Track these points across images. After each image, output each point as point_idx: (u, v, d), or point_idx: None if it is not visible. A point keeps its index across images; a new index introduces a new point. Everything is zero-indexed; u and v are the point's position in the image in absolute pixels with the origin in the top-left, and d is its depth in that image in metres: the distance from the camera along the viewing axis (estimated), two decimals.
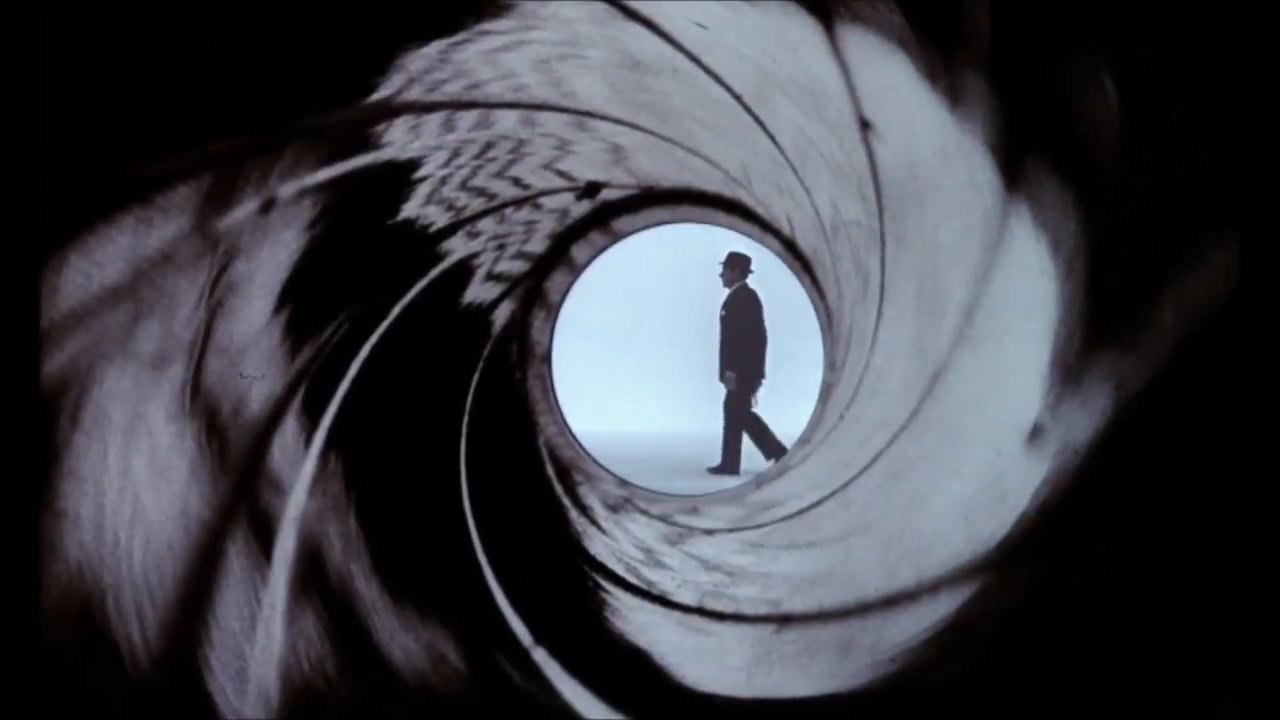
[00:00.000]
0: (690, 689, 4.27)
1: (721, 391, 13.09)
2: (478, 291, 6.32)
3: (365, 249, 4.48)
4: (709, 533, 6.64)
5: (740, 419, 12.85)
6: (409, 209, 4.69)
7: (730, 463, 12.86)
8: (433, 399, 5.81)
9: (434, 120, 4.25)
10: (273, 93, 3.24)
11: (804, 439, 7.79)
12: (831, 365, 7.45)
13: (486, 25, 3.82)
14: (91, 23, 2.53)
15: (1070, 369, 2.97)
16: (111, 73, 2.66)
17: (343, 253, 4.11)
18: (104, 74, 2.63)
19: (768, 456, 12.34)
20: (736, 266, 12.75)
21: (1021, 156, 3.08)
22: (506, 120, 4.84)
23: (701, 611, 4.98)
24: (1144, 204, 2.68)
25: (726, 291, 12.97)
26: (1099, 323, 2.86)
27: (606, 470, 8.20)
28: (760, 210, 6.80)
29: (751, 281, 12.84)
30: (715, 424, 14.77)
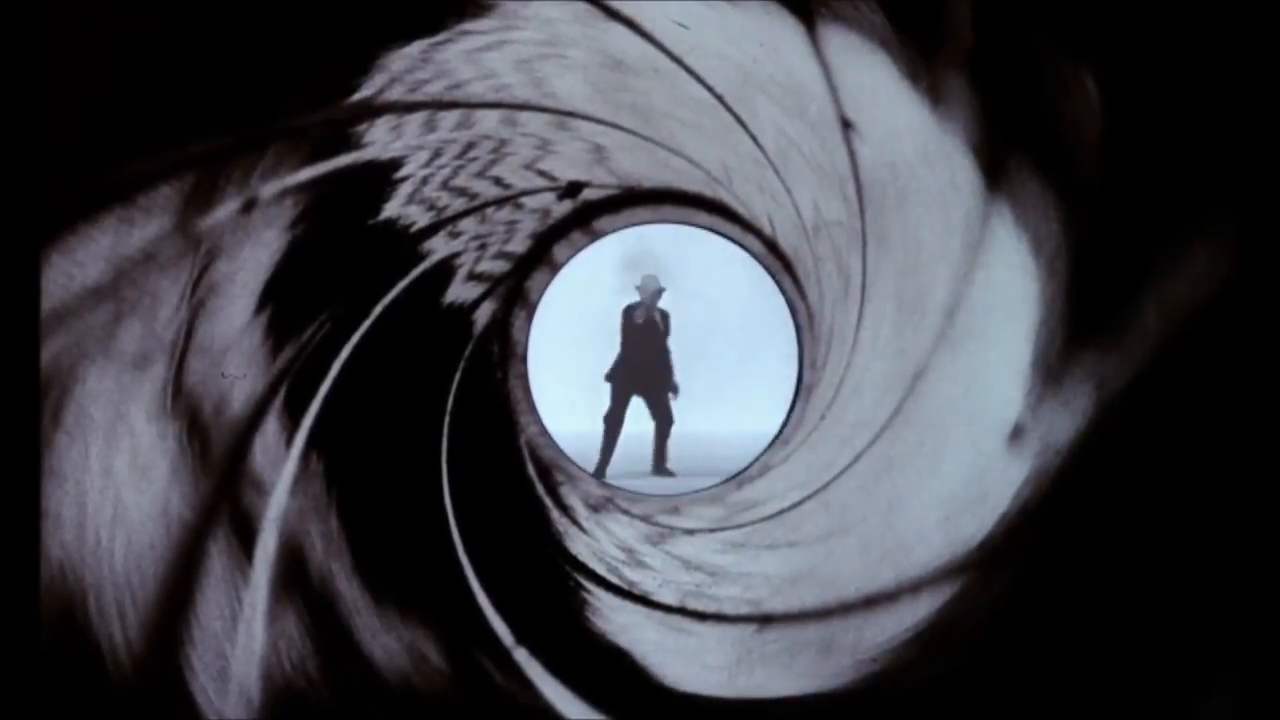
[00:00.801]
0: (671, 689, 4.27)
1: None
2: (459, 291, 6.31)
3: (347, 249, 4.48)
4: (690, 533, 6.64)
5: (668, 422, 12.87)
6: (390, 209, 4.69)
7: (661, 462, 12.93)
8: (414, 399, 5.81)
9: (415, 120, 4.25)
10: (254, 92, 3.24)
11: (784, 439, 7.80)
12: (812, 365, 7.46)
13: (468, 25, 3.82)
14: (76, 21, 2.53)
15: (1052, 369, 2.98)
16: (94, 71, 2.65)
17: (324, 253, 4.11)
18: (87, 72, 2.62)
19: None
20: (654, 288, 12.76)
21: (1003, 156, 3.09)
22: (488, 120, 4.84)
23: (683, 611, 4.98)
24: (1126, 204, 2.69)
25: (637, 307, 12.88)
26: (1080, 323, 2.87)
27: (586, 471, 8.18)
28: (741, 210, 6.81)
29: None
30: (698, 425, 14.81)
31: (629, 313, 12.72)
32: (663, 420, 12.76)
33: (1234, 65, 2.35)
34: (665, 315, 12.80)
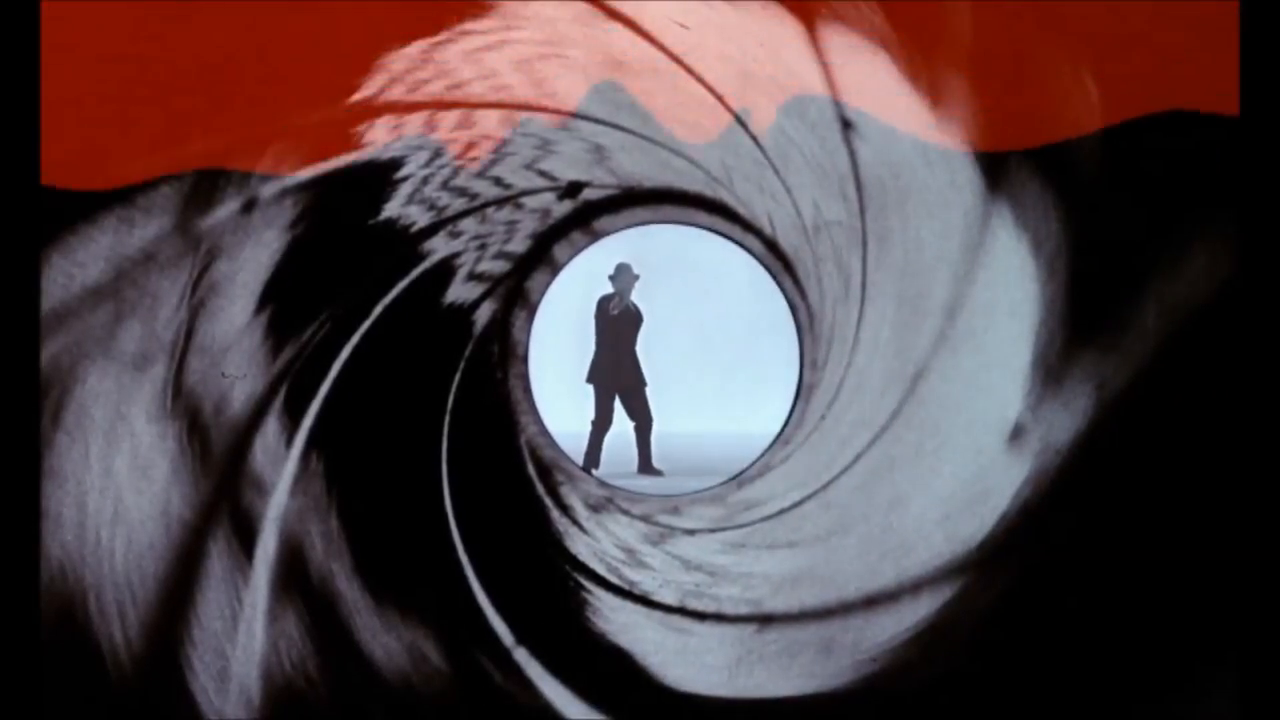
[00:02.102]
0: (672, 689, 4.27)
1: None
2: (459, 291, 6.29)
3: (347, 249, 4.47)
4: (690, 533, 6.62)
5: (646, 418, 12.64)
6: (390, 209, 4.68)
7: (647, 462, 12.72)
8: (414, 399, 5.80)
9: (415, 120, 4.24)
10: (255, 92, 3.23)
11: (784, 439, 7.78)
12: (812, 365, 7.45)
13: (468, 25, 3.81)
14: (81, 22, 2.53)
15: (1052, 369, 2.98)
16: (99, 73, 2.65)
17: (324, 253, 4.10)
18: (92, 74, 2.62)
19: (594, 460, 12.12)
20: (629, 277, 12.47)
21: (1003, 156, 3.09)
22: (488, 120, 4.83)
23: (683, 611, 4.97)
24: (1125, 205, 2.69)
25: (612, 303, 12.56)
26: (1080, 323, 2.87)
27: (586, 471, 8.16)
28: (742, 210, 6.79)
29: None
30: (698, 425, 14.80)
31: (603, 304, 12.45)
32: (641, 418, 12.55)
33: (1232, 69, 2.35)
34: (638, 309, 12.49)
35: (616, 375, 12.45)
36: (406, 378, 5.59)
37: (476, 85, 4.33)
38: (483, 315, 6.93)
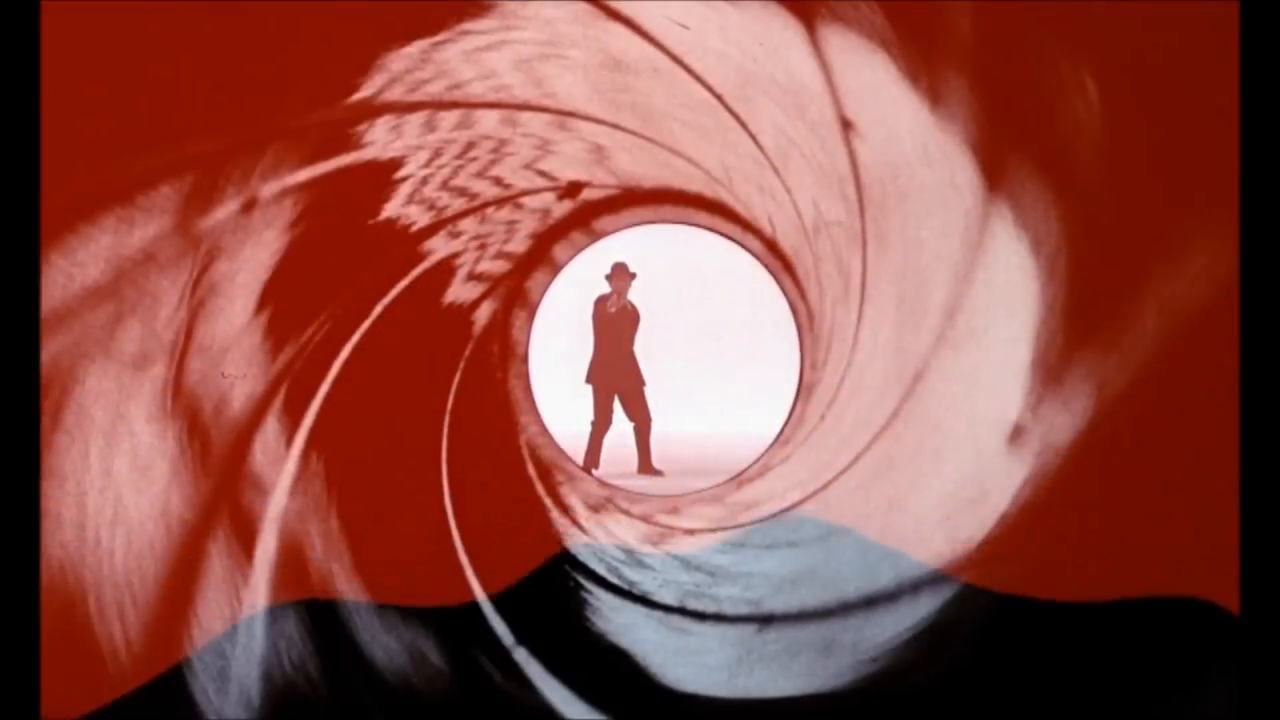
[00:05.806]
0: (671, 689, 4.27)
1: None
2: (459, 291, 6.31)
3: (347, 249, 4.48)
4: (690, 532, 6.64)
5: (646, 418, 12.57)
6: (390, 209, 4.68)
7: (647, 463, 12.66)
8: (414, 399, 5.81)
9: (415, 120, 4.24)
10: (254, 92, 3.23)
11: (784, 439, 7.80)
12: (812, 365, 7.46)
13: (468, 25, 3.81)
14: (81, 21, 2.53)
15: (1052, 369, 2.98)
16: (98, 73, 2.65)
17: (324, 253, 4.11)
18: (91, 74, 2.62)
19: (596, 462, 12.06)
20: (626, 276, 12.35)
21: (1003, 156, 3.09)
22: (488, 120, 4.84)
23: (683, 611, 4.98)
24: (1125, 204, 2.69)
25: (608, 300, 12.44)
26: (1080, 323, 2.87)
27: (586, 471, 8.18)
28: (741, 210, 6.80)
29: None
30: (699, 425, 14.85)
31: (600, 303, 12.40)
32: (640, 418, 12.53)
33: (1234, 65, 2.35)
34: (635, 308, 12.43)
35: (615, 375, 12.44)
36: (406, 378, 5.59)
37: (476, 85, 4.34)
38: (483, 315, 6.94)
